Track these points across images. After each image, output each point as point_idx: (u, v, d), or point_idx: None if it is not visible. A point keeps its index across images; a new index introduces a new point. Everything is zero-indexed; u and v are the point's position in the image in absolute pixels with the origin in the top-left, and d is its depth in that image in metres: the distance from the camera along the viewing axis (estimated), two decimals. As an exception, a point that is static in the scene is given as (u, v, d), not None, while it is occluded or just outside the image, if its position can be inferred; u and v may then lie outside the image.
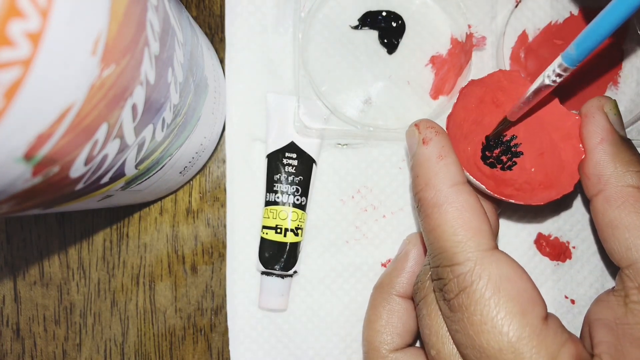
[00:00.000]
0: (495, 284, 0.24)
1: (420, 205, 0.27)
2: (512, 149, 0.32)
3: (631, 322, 0.25)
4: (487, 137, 0.32)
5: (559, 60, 0.25)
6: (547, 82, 0.26)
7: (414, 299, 0.29)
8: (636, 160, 0.27)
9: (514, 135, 0.32)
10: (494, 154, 0.32)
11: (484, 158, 0.32)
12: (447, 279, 0.25)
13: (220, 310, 0.36)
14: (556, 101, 0.31)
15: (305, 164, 0.35)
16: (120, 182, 0.24)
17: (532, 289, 0.24)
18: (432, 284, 0.27)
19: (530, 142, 0.32)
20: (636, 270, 0.25)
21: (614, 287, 0.28)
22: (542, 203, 0.29)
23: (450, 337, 0.26)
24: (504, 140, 0.32)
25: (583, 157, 0.29)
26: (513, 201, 0.29)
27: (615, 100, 0.29)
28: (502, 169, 0.32)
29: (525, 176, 0.31)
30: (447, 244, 0.25)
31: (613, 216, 0.26)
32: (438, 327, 0.26)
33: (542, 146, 0.31)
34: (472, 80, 0.30)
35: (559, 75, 0.25)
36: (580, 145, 0.29)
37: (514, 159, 0.32)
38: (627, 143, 0.28)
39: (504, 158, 0.32)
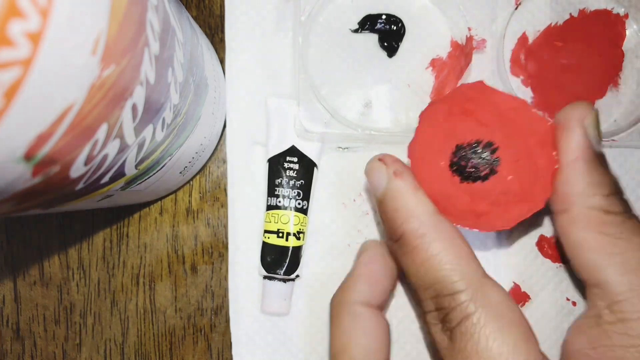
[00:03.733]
0: (497, 310, 0.24)
1: (404, 239, 0.26)
2: (489, 156, 0.30)
3: (607, 344, 0.25)
4: (458, 146, 0.30)
5: None
6: None
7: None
8: (606, 182, 0.26)
9: (490, 141, 0.30)
10: (470, 165, 0.30)
11: (460, 169, 0.30)
12: (449, 307, 0.24)
13: (220, 310, 0.36)
14: (526, 105, 0.29)
15: (306, 167, 0.35)
16: (120, 182, 0.24)
17: (525, 318, 0.25)
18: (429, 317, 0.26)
19: (507, 147, 0.30)
20: (604, 290, 0.25)
21: (585, 312, 0.27)
22: (508, 227, 0.28)
23: None
24: (480, 147, 0.30)
25: (556, 167, 0.28)
26: (477, 230, 0.28)
27: (597, 111, 0.28)
28: (480, 178, 0.30)
29: (501, 186, 0.30)
30: (444, 273, 0.25)
31: (579, 237, 0.26)
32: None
33: (518, 152, 0.30)
34: (432, 101, 0.30)
35: None
36: (555, 153, 0.28)
37: (492, 167, 0.30)
38: (601, 162, 0.27)
39: (480, 167, 0.30)
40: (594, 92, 0.36)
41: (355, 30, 0.35)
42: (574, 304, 0.35)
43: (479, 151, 0.30)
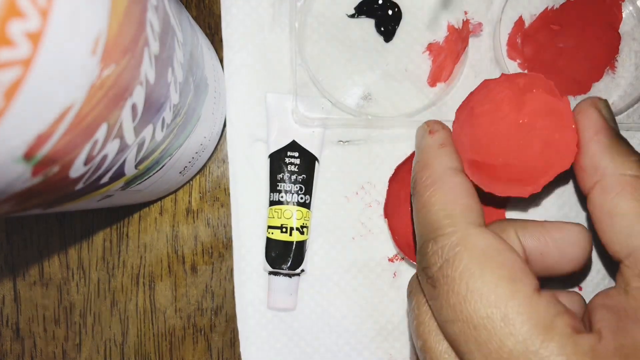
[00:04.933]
0: (483, 253, 0.23)
1: (415, 186, 0.27)
2: None
3: (633, 305, 0.24)
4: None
5: None
6: None
7: (407, 294, 0.28)
8: (632, 151, 0.27)
9: None
10: None
11: None
12: (431, 251, 0.24)
13: (220, 310, 0.36)
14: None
15: (308, 162, 0.35)
16: (120, 182, 0.24)
17: (521, 262, 0.23)
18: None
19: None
20: (636, 258, 0.25)
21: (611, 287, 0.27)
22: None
23: (437, 326, 0.25)
24: None
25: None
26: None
27: (607, 100, 0.29)
28: None
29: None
30: (434, 218, 0.25)
31: (611, 205, 0.26)
32: (425, 315, 0.25)
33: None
34: (396, 167, 0.34)
35: None
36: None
37: None
38: (620, 135, 0.28)
39: None
40: (590, 75, 0.36)
41: (352, 15, 0.35)
42: (580, 288, 0.36)
43: None
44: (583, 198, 0.35)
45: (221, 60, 0.35)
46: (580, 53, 0.36)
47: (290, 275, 0.34)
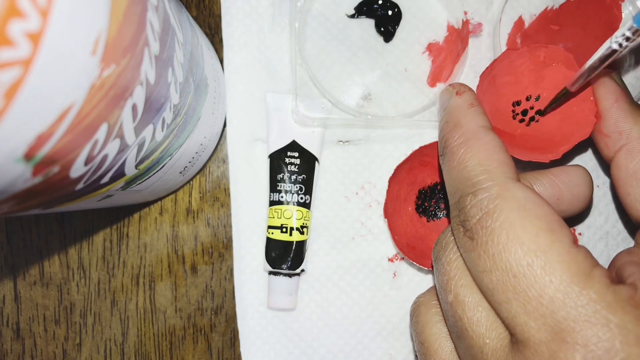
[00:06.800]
0: (522, 205, 0.23)
1: (446, 145, 0.27)
2: (441, 197, 0.35)
3: None
4: (420, 191, 0.35)
5: (629, 23, 0.25)
6: (614, 46, 0.26)
7: (432, 258, 0.28)
8: None
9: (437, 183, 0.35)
10: (432, 204, 0.35)
11: (424, 210, 0.35)
12: (469, 205, 0.24)
13: (220, 310, 0.36)
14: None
15: (308, 162, 0.35)
16: (120, 182, 0.24)
17: (557, 215, 0.24)
18: (451, 234, 0.27)
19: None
20: None
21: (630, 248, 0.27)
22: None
23: (470, 280, 0.25)
24: (439, 187, 0.35)
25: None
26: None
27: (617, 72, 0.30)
28: (443, 215, 0.35)
29: None
30: (471, 173, 0.25)
31: (637, 167, 0.27)
32: (457, 270, 0.25)
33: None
34: (396, 166, 0.33)
35: (627, 38, 0.25)
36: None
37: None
38: (635, 101, 0.29)
39: (441, 204, 0.35)
40: None
41: (352, 16, 0.35)
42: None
43: (438, 190, 0.35)
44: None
45: (221, 60, 0.35)
46: (580, 53, 0.36)
47: (290, 275, 0.34)
